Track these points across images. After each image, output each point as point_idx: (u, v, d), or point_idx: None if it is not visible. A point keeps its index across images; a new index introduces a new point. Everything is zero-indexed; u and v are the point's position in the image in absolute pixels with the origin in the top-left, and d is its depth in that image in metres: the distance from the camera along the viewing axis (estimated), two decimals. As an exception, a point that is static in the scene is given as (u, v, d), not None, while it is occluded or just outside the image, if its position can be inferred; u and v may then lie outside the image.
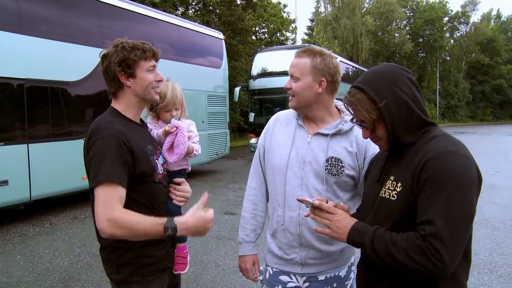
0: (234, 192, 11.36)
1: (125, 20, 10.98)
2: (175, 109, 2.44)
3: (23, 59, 8.29)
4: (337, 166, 2.21)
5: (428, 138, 1.64)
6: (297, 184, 2.24)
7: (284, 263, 2.36)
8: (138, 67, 2.11)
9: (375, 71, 1.75)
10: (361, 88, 1.69)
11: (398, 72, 1.71)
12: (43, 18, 8.83)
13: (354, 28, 46.80)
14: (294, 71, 2.23)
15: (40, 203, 9.12)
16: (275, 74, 17.10)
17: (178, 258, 2.38)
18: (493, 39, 67.20)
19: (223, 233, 7.42)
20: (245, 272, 2.52)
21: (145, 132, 2.28)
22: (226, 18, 26.95)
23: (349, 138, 2.27)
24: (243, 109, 26.78)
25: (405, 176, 1.61)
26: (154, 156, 2.18)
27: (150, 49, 2.14)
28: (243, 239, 2.51)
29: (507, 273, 5.32)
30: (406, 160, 1.66)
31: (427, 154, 1.55)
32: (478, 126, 53.34)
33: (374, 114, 1.67)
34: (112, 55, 2.10)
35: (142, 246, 2.08)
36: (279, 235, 2.33)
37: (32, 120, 8.44)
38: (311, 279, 2.33)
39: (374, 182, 1.82)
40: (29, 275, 5.59)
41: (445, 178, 1.49)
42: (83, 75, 9.42)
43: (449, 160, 1.52)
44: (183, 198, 2.36)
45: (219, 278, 5.37)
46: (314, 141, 2.27)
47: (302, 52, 2.25)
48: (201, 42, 14.27)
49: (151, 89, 2.16)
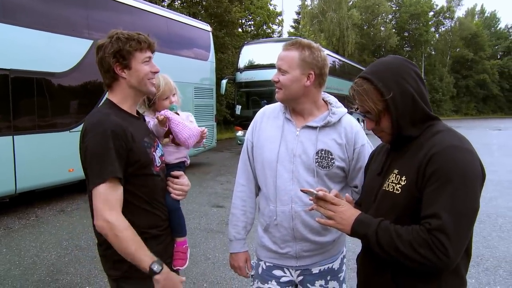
0: (221, 184, 11.35)
1: (112, 10, 10.81)
2: (172, 95, 2.43)
3: (8, 50, 8.13)
4: (327, 159, 2.22)
5: (432, 133, 1.65)
6: (288, 178, 2.24)
7: (278, 257, 2.36)
8: (134, 58, 2.07)
9: (382, 63, 1.75)
10: (369, 79, 1.69)
11: (405, 64, 1.71)
12: (28, 8, 8.65)
13: (340, 22, 46.91)
14: (282, 64, 2.22)
15: (26, 196, 9.01)
16: (262, 66, 17.12)
17: (177, 254, 2.35)
18: (477, 34, 67.86)
19: (211, 226, 7.41)
20: (238, 270, 2.51)
21: (141, 125, 2.24)
22: (212, 10, 26.82)
23: (338, 130, 2.28)
24: (229, 102, 26.72)
25: (409, 170, 1.62)
26: (152, 149, 2.15)
27: (145, 40, 2.11)
28: (234, 237, 2.49)
29: (493, 266, 5.41)
30: (410, 153, 1.67)
31: (432, 148, 1.56)
32: (462, 120, 53.92)
33: (380, 105, 1.67)
34: (107, 46, 2.06)
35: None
36: (272, 229, 2.33)
37: (17, 112, 8.31)
38: (305, 272, 2.35)
39: (376, 175, 1.83)
40: (16, 269, 5.52)
41: (450, 172, 1.50)
42: (70, 66, 9.31)
43: (454, 154, 1.52)
44: (181, 192, 2.32)
45: (209, 271, 5.37)
46: (303, 134, 2.27)
47: (290, 45, 2.23)
48: (189, 34, 14.15)
49: (147, 80, 2.13)
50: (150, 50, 2.16)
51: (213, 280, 5.12)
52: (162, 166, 2.27)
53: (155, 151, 2.19)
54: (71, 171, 9.11)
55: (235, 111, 18.43)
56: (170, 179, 2.33)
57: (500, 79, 71.19)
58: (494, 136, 27.48)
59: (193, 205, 8.63)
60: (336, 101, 2.39)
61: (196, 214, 8.07)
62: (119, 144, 1.94)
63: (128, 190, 2.00)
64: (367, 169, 2.06)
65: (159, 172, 2.20)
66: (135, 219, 2.03)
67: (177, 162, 2.42)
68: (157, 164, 2.17)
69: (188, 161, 2.52)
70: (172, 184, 2.31)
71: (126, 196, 1.99)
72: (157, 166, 2.18)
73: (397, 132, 1.69)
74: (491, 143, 21.56)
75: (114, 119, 1.99)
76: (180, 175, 2.37)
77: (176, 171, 2.37)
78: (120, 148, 1.94)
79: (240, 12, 30.59)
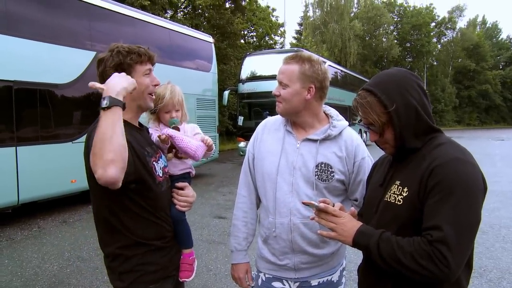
0: (223, 196, 11.33)
1: (114, 22, 10.89)
2: (174, 110, 2.39)
3: (12, 61, 8.19)
4: (327, 172, 2.22)
5: (434, 145, 1.65)
6: (287, 190, 2.24)
7: (277, 268, 2.35)
8: (134, 71, 2.09)
9: (386, 74, 1.76)
10: (372, 91, 1.70)
11: (408, 77, 1.72)
12: (32, 20, 8.73)
13: (342, 33, 47.17)
14: (283, 78, 2.23)
15: (28, 207, 9.01)
16: (264, 78, 17.15)
17: (183, 265, 2.35)
18: (479, 44, 68.03)
19: (213, 237, 7.39)
20: (238, 281, 2.50)
21: (143, 135, 2.24)
22: (215, 21, 26.99)
23: (338, 143, 2.28)
24: (231, 113, 26.78)
25: (412, 182, 1.62)
26: (152, 159, 2.14)
27: (145, 53, 2.12)
28: (235, 248, 2.49)
29: (497, 277, 5.37)
30: (412, 165, 1.67)
31: (435, 160, 1.57)
32: (464, 130, 53.91)
33: (384, 117, 1.68)
34: (108, 59, 2.08)
35: (145, 253, 2.07)
36: (271, 241, 2.32)
37: (20, 123, 8.34)
38: (304, 284, 2.33)
39: (378, 186, 1.83)
40: (18, 280, 5.51)
41: (452, 184, 1.50)
42: (73, 78, 9.34)
43: (457, 167, 1.53)
44: (185, 204, 2.31)
45: (210, 283, 5.35)
46: (303, 147, 2.27)
47: (291, 58, 2.24)
48: (191, 45, 14.23)
49: (147, 94, 2.15)
50: (151, 63, 2.18)
51: (215, 291, 5.09)
52: (166, 177, 2.25)
53: (157, 161, 2.18)
54: (74, 182, 9.12)
55: (237, 122, 18.45)
56: (175, 190, 2.32)
57: (502, 89, 71.30)
58: (497, 146, 27.43)
59: (195, 216, 8.60)
60: (337, 114, 2.40)
61: (198, 225, 8.05)
62: None
63: (132, 199, 2.01)
64: (368, 180, 2.06)
65: (162, 183, 2.18)
66: (140, 230, 2.05)
67: (182, 173, 2.41)
68: (159, 174, 2.15)
69: (193, 172, 2.51)
70: (176, 195, 2.30)
71: (130, 206, 2.00)
72: (160, 176, 2.16)
73: (400, 144, 1.70)
74: (493, 154, 21.51)
75: None
76: (184, 187, 2.36)
77: (180, 183, 2.36)
78: None
79: (243, 23, 30.76)
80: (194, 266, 2.40)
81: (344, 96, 22.72)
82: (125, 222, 2.02)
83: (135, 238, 2.04)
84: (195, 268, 2.42)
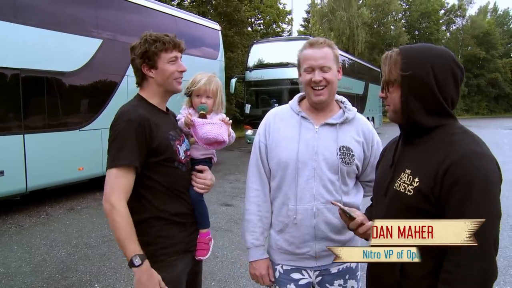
0: (230, 183, 11.37)
1: (121, 10, 10.87)
2: (206, 96, 2.42)
3: (19, 49, 8.20)
4: (349, 155, 2.24)
5: (448, 133, 1.63)
6: (310, 176, 2.22)
7: (296, 258, 2.32)
8: (159, 58, 2.23)
9: (427, 46, 1.76)
10: (400, 51, 1.73)
11: (444, 57, 1.69)
12: (39, 7, 8.72)
13: (350, 20, 46.69)
14: (325, 61, 2.21)
15: (36, 194, 9.08)
16: (271, 65, 17.10)
17: (200, 244, 2.44)
18: (489, 32, 67.07)
19: (220, 225, 7.42)
20: (261, 279, 2.39)
21: (168, 119, 2.38)
22: (222, 9, 26.86)
23: (356, 127, 2.32)
24: (238, 101, 26.72)
25: (425, 174, 1.61)
26: (176, 142, 2.28)
27: (170, 41, 2.25)
28: (252, 244, 2.39)
29: (504, 266, 5.36)
30: (424, 152, 1.66)
31: (451, 155, 1.55)
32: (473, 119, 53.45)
33: (395, 76, 1.71)
34: (136, 47, 2.24)
35: (164, 225, 2.22)
36: (290, 229, 2.28)
37: (28, 111, 8.38)
38: (324, 272, 2.32)
39: (387, 168, 1.83)
40: (27, 266, 5.57)
41: (472, 182, 1.49)
42: (79, 65, 9.37)
43: (475, 163, 1.52)
44: (203, 186, 2.40)
45: (217, 269, 5.38)
46: (323, 132, 2.27)
47: (318, 44, 2.24)
48: (198, 33, 14.16)
49: (173, 79, 2.29)
50: (178, 50, 2.31)
51: (221, 278, 5.13)
52: (187, 160, 2.38)
53: (181, 145, 2.31)
54: (81, 170, 9.19)
55: (245, 110, 18.45)
56: (194, 173, 2.42)
57: (512, 78, 70.48)
58: (506, 135, 27.23)
59: (202, 203, 8.59)
60: (346, 99, 2.42)
61: (205, 212, 8.03)
62: (142, 134, 2.09)
63: (152, 178, 2.19)
64: (378, 164, 2.07)
65: (183, 165, 2.31)
66: (160, 205, 2.20)
67: (203, 158, 2.48)
68: (181, 157, 2.29)
69: (215, 158, 2.58)
70: (195, 177, 2.40)
71: (151, 184, 2.19)
72: (182, 159, 2.30)
73: (407, 116, 1.70)
74: (502, 143, 21.35)
75: (141, 111, 2.16)
76: (204, 170, 2.45)
77: (200, 166, 2.45)
78: (142, 138, 2.09)
79: (250, 11, 30.61)
80: (210, 245, 2.49)
81: (352, 84, 22.58)
82: (146, 196, 2.19)
83: (154, 211, 2.20)
84: (211, 247, 2.51)
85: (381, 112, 31.39)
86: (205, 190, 2.41)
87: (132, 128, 2.07)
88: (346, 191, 2.27)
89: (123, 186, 2.05)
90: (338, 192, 2.23)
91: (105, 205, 2.02)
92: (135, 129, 2.07)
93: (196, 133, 2.34)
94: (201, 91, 2.41)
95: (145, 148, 2.11)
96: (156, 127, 2.16)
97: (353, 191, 2.33)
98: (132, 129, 2.07)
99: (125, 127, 2.07)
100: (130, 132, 2.06)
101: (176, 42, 2.28)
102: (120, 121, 2.11)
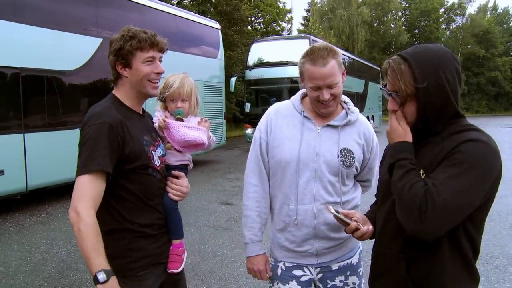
0: (230, 182, 11.37)
1: (121, 8, 10.87)
2: (180, 100, 2.29)
3: (19, 48, 8.20)
4: (350, 158, 2.25)
5: (457, 129, 1.61)
6: (310, 177, 2.23)
7: (297, 256, 2.33)
8: (134, 57, 2.06)
9: (427, 49, 1.67)
10: (408, 60, 1.63)
11: (449, 59, 1.63)
12: (39, 6, 8.72)
13: (350, 19, 46.74)
14: (332, 79, 2.13)
15: (37, 193, 9.08)
16: (271, 64, 17.11)
17: (172, 256, 2.27)
18: (489, 31, 66.88)
19: (220, 223, 7.43)
20: (258, 274, 2.41)
21: (144, 122, 2.22)
22: (222, 7, 26.83)
23: (357, 129, 2.32)
24: (238, 99, 26.69)
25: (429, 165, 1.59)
26: (151, 147, 2.13)
27: (147, 39, 2.06)
28: (251, 239, 2.39)
29: (503, 264, 5.37)
30: (429, 149, 1.64)
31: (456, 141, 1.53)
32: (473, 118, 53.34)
33: (411, 89, 1.61)
34: (112, 42, 2.07)
35: (134, 238, 2.06)
36: (291, 229, 2.29)
37: (28, 110, 8.38)
38: (325, 269, 2.34)
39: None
40: (27, 265, 5.58)
41: (467, 160, 1.48)
42: (79, 64, 9.37)
43: (478, 147, 1.50)
44: (178, 193, 2.24)
45: (217, 268, 5.39)
46: (325, 133, 2.27)
47: (323, 59, 2.11)
48: (198, 32, 14.15)
49: (147, 81, 2.10)
50: (157, 50, 2.12)
51: (221, 276, 5.13)
52: (162, 167, 2.23)
53: (155, 151, 2.16)
54: (81, 169, 9.15)
55: (245, 108, 18.46)
56: (170, 178, 2.27)
57: (512, 76, 70.34)
58: (506, 133, 27.18)
59: (202, 202, 8.66)
60: (349, 100, 2.41)
61: (205, 211, 8.10)
62: (114, 138, 1.93)
63: (123, 186, 2.01)
64: (381, 164, 2.03)
65: (157, 172, 2.16)
66: (130, 216, 2.04)
67: (179, 164, 2.34)
68: (156, 163, 2.14)
69: (191, 166, 2.43)
70: (170, 183, 2.25)
71: (121, 193, 2.01)
72: (156, 165, 2.15)
73: (422, 123, 1.65)
74: (502, 141, 21.29)
75: (114, 113, 1.98)
76: (180, 176, 2.30)
77: (177, 171, 2.30)
78: (115, 142, 1.93)
79: (250, 9, 30.57)
80: (183, 258, 2.32)
81: (352, 83, 22.58)
82: (115, 205, 2.02)
83: (124, 223, 2.03)
84: (184, 260, 2.34)
85: (381, 111, 31.42)
86: (180, 198, 2.25)
87: (104, 131, 1.90)
88: (345, 191, 2.29)
89: (93, 193, 1.86)
90: (338, 193, 2.25)
91: (70, 214, 1.83)
92: (107, 132, 1.90)
93: (172, 136, 2.23)
94: (175, 95, 2.27)
95: (117, 153, 1.94)
96: (129, 131, 2.00)
97: (352, 190, 2.35)
98: (104, 132, 1.90)
99: (96, 130, 1.91)
100: (102, 135, 1.89)
101: (154, 40, 2.08)
102: (91, 123, 1.93)
